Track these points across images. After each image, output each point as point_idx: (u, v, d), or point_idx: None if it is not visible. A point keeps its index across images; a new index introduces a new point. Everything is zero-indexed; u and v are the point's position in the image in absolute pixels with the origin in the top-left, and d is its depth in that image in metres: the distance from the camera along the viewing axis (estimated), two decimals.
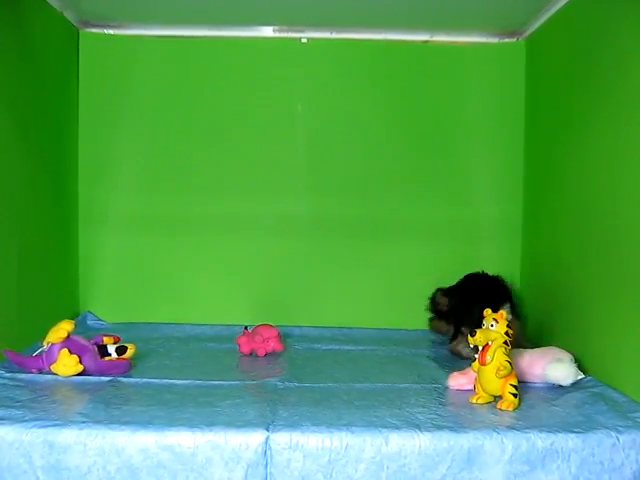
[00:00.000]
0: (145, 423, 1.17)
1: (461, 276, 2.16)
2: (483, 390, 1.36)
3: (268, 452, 1.14)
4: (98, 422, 1.17)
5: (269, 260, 2.16)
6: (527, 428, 1.18)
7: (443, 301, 2.03)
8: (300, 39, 2.18)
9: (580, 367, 1.50)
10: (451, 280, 2.17)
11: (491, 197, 2.19)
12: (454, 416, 1.28)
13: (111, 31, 2.17)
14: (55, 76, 1.99)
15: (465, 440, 1.15)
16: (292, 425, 1.18)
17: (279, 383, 1.49)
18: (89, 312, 2.15)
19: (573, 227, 1.72)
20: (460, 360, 1.74)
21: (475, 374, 1.38)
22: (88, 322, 2.11)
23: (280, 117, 2.19)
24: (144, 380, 1.50)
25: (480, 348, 1.35)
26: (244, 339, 1.83)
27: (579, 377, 1.47)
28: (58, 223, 2.03)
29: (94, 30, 2.16)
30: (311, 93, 2.20)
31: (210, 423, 1.18)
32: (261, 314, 2.06)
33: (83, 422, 1.17)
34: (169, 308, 2.17)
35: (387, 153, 2.19)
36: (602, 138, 1.55)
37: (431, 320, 2.11)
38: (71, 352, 1.48)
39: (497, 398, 1.35)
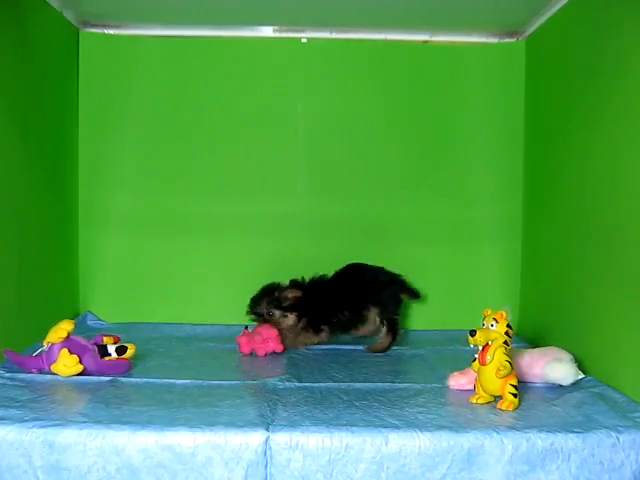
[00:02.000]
0: (145, 423, 1.17)
1: (461, 276, 2.18)
2: (483, 390, 1.36)
3: (268, 452, 1.14)
4: (98, 422, 1.17)
5: (269, 260, 2.15)
6: (527, 428, 1.18)
7: (292, 294, 1.93)
8: (300, 39, 2.18)
9: (580, 367, 1.50)
10: (451, 280, 2.19)
11: (491, 197, 2.18)
12: (454, 416, 1.28)
13: (111, 31, 2.17)
14: (55, 76, 1.99)
15: (465, 440, 1.15)
16: (292, 425, 1.18)
17: (279, 383, 1.49)
18: (89, 312, 2.15)
19: (573, 227, 1.72)
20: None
21: (475, 374, 1.38)
22: (88, 322, 2.11)
23: (280, 117, 2.19)
24: (144, 380, 1.50)
25: (480, 348, 1.35)
26: (244, 339, 1.84)
27: (579, 377, 1.47)
28: (58, 223, 2.03)
29: (94, 30, 2.16)
30: (311, 93, 2.20)
31: (210, 423, 1.18)
32: None
33: (83, 422, 1.17)
34: (169, 308, 2.17)
35: (387, 153, 2.19)
36: (602, 138, 1.55)
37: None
38: (71, 352, 1.48)
39: (497, 398, 1.35)
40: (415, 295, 2.04)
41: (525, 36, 2.15)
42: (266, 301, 1.93)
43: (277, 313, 1.92)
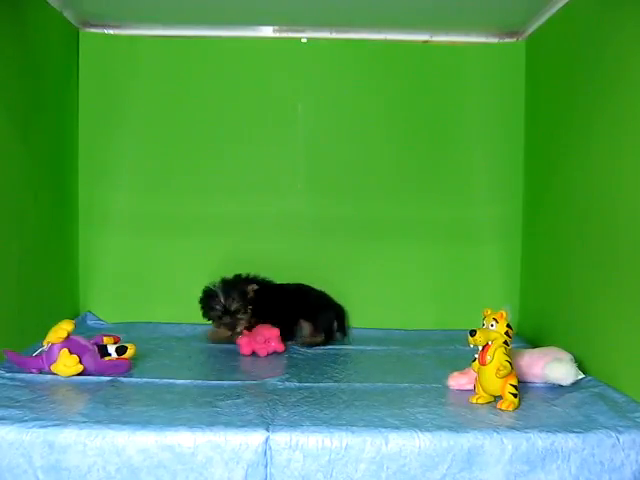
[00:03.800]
0: (145, 423, 1.17)
1: (461, 276, 2.18)
2: (483, 390, 1.36)
3: (268, 452, 1.14)
4: (98, 422, 1.17)
5: (269, 260, 2.15)
6: (527, 428, 1.18)
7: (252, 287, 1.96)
8: (300, 39, 2.18)
9: (580, 367, 1.50)
10: (451, 280, 2.18)
11: (491, 197, 2.18)
12: (454, 416, 1.28)
13: (111, 31, 2.17)
14: (55, 76, 1.99)
15: (465, 440, 1.15)
16: (292, 425, 1.18)
17: (279, 383, 1.50)
18: (89, 312, 2.15)
19: (573, 227, 1.72)
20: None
21: (475, 374, 1.38)
22: (88, 322, 2.11)
23: (280, 117, 2.19)
24: (144, 380, 1.50)
25: (480, 348, 1.35)
26: (245, 340, 1.83)
27: (579, 377, 1.47)
28: (58, 223, 2.03)
29: (94, 30, 2.16)
30: (311, 93, 2.20)
31: (210, 423, 1.18)
32: None
33: (83, 422, 1.17)
34: (169, 308, 2.17)
35: (387, 153, 2.19)
36: (602, 138, 1.55)
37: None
38: (71, 352, 1.48)
39: (497, 398, 1.35)
40: (343, 332, 2.06)
41: (525, 36, 2.15)
42: (237, 296, 1.92)
43: (243, 309, 1.92)
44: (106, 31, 2.17)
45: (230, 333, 1.92)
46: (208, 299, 1.96)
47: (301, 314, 1.99)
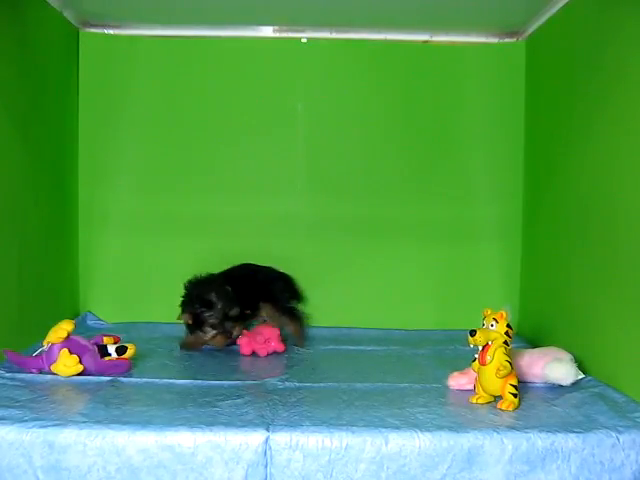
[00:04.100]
0: (145, 423, 1.17)
1: (461, 276, 2.18)
2: (483, 390, 1.36)
3: (268, 452, 1.14)
4: (98, 422, 1.17)
5: (269, 260, 2.15)
6: (527, 428, 1.18)
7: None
8: (300, 39, 2.18)
9: (580, 367, 1.50)
10: (451, 280, 2.18)
11: (491, 197, 2.19)
12: (454, 416, 1.28)
13: (111, 31, 2.17)
14: (55, 76, 1.99)
15: (465, 440, 1.15)
16: (292, 425, 1.18)
17: (279, 383, 1.50)
18: (89, 312, 2.15)
19: (573, 227, 1.72)
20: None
21: (475, 374, 1.38)
22: (88, 322, 2.11)
23: (280, 117, 2.19)
24: (144, 380, 1.50)
25: (480, 348, 1.35)
26: (245, 340, 1.83)
27: (579, 377, 1.47)
28: (58, 223, 2.03)
29: (94, 30, 2.16)
30: (311, 93, 2.20)
31: (210, 423, 1.18)
32: None
33: (83, 422, 1.17)
34: (169, 308, 2.15)
35: (387, 153, 2.19)
36: (602, 138, 1.55)
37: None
38: (71, 352, 1.48)
39: (497, 398, 1.35)
40: (296, 296, 2.05)
41: (525, 36, 2.15)
42: (232, 301, 1.87)
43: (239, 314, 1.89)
44: (106, 31, 2.17)
45: (228, 341, 1.86)
46: (204, 308, 1.85)
47: (260, 296, 1.98)
